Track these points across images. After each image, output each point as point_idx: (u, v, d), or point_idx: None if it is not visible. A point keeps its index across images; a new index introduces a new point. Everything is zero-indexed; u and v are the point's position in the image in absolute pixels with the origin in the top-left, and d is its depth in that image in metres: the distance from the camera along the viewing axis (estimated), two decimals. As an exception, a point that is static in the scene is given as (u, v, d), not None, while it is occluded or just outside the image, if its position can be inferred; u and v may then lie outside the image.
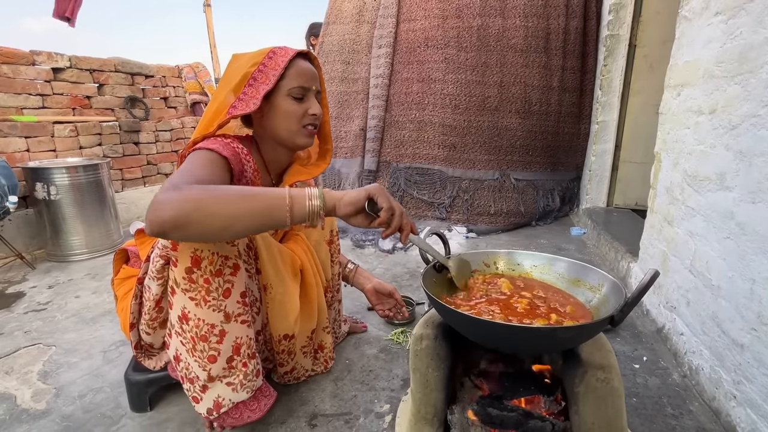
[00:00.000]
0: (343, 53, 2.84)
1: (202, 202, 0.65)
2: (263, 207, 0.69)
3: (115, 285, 1.11)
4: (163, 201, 0.64)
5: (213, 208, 0.66)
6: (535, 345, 0.68)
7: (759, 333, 0.86)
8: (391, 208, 0.74)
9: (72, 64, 2.69)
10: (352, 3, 2.86)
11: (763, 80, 0.90)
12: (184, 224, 0.64)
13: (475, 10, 2.57)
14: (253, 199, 0.69)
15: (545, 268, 0.88)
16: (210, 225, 0.66)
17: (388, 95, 2.74)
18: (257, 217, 0.69)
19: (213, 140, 0.86)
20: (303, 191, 0.73)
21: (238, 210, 0.67)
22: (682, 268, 1.22)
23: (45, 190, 2.20)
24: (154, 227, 0.65)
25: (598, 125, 2.60)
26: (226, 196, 0.67)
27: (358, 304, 1.65)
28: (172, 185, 0.68)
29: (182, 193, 0.65)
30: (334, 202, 0.74)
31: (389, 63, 2.72)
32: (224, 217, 0.66)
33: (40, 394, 1.16)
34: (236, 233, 0.71)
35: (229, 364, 0.86)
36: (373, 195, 0.74)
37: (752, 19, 0.95)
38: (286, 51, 0.92)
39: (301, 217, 0.72)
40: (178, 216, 0.64)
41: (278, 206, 0.70)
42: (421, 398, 0.80)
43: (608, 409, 0.65)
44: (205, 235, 0.70)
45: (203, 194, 0.66)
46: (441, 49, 2.62)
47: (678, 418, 0.98)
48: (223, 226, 0.67)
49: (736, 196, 0.97)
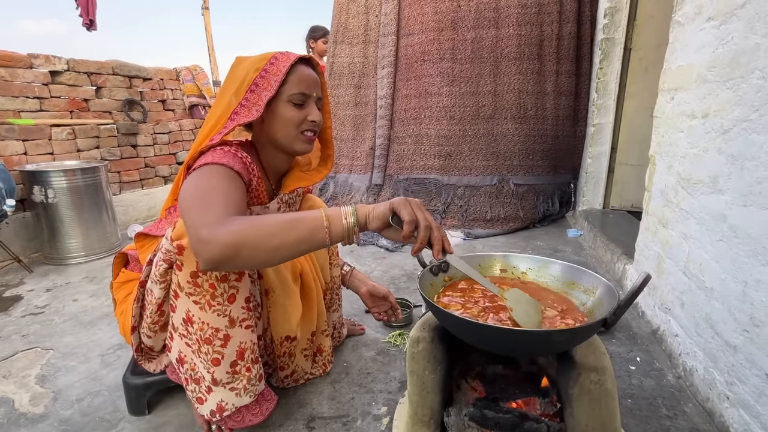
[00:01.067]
0: (354, 77, 2.97)
1: (249, 239, 0.68)
2: (304, 233, 0.71)
3: (114, 289, 1.11)
4: (210, 239, 0.66)
5: (259, 242, 0.68)
6: (530, 348, 0.69)
7: (751, 335, 0.87)
8: (414, 220, 0.71)
9: (70, 67, 2.70)
10: (357, 20, 2.91)
11: (754, 85, 0.91)
12: (232, 260, 0.68)
13: (470, 23, 2.64)
14: (294, 227, 0.71)
15: (540, 271, 0.89)
16: (257, 258, 0.70)
17: (391, 114, 2.88)
18: (300, 244, 0.72)
19: (222, 153, 0.85)
20: (338, 211, 0.74)
21: (283, 241, 0.70)
22: (677, 270, 1.24)
23: (43, 194, 2.20)
24: (207, 265, 0.68)
25: (594, 128, 2.62)
26: (270, 228, 0.70)
27: (356, 306, 1.65)
28: (216, 218, 0.69)
29: (229, 231, 0.67)
30: (365, 218, 0.75)
31: (392, 82, 2.84)
32: (270, 249, 0.69)
33: (38, 398, 1.16)
34: (281, 261, 0.74)
35: (233, 369, 0.87)
36: (395, 208, 0.73)
37: (743, 25, 0.97)
38: (288, 56, 0.92)
39: (338, 236, 0.74)
40: (228, 255, 0.66)
41: (317, 228, 0.72)
42: (418, 400, 0.81)
43: (602, 410, 0.66)
44: (253, 266, 0.76)
45: (249, 230, 0.68)
46: (437, 63, 2.71)
47: (672, 419, 0.99)
48: (270, 257, 0.71)
49: (728, 199, 0.99)
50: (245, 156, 0.89)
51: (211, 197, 0.74)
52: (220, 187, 0.78)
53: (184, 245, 0.80)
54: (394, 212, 0.74)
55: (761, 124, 0.88)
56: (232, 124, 0.87)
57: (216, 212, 0.70)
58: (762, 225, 0.85)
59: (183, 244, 0.79)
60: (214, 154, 0.85)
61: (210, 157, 0.84)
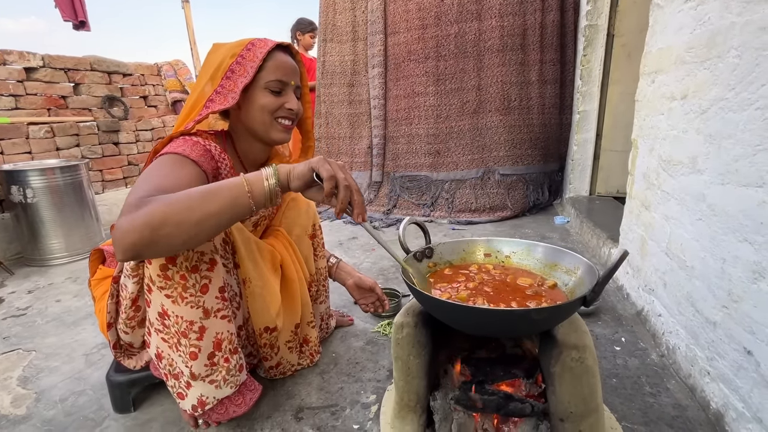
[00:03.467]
0: (345, 75, 2.97)
1: (167, 216, 0.63)
2: (226, 201, 0.68)
3: (93, 286, 1.09)
4: (125, 225, 0.62)
5: (178, 217, 0.63)
6: (511, 328, 0.69)
7: (730, 310, 0.89)
8: (333, 177, 0.69)
9: (45, 63, 2.62)
10: (344, 16, 2.90)
11: (729, 64, 0.92)
12: (153, 242, 0.63)
13: (453, 16, 2.65)
14: (214, 197, 0.67)
15: (524, 254, 0.90)
16: (181, 235, 0.65)
17: (384, 114, 2.91)
18: (223, 213, 0.68)
19: (182, 141, 0.83)
20: (258, 173, 0.71)
21: (204, 213, 0.65)
22: (659, 251, 1.25)
23: (21, 194, 2.14)
24: (126, 254, 0.63)
25: (579, 115, 2.63)
26: (188, 202, 0.65)
27: (344, 298, 1.65)
28: (133, 202, 0.65)
29: (144, 212, 0.62)
30: (286, 177, 0.72)
31: (383, 83, 2.86)
32: (192, 224, 0.65)
33: (20, 399, 1.13)
34: (208, 235, 0.69)
35: (211, 361, 0.86)
36: (314, 166, 0.71)
37: (719, 5, 0.97)
38: (265, 42, 0.90)
39: (262, 198, 0.70)
40: (146, 236, 0.62)
41: (240, 195, 0.69)
42: (404, 386, 0.81)
43: (583, 387, 0.66)
44: (180, 246, 0.67)
45: (165, 207, 0.63)
46: (422, 63, 2.74)
47: (656, 396, 1.01)
48: (194, 233, 0.66)
49: (706, 178, 1.00)
50: (211, 145, 0.87)
51: (140, 185, 0.71)
52: (156, 174, 0.74)
53: None
54: (313, 170, 0.72)
55: (737, 102, 0.88)
56: (206, 111, 0.85)
57: (136, 197, 0.66)
58: (739, 202, 0.87)
59: None
60: (173, 144, 0.83)
61: (168, 147, 0.82)
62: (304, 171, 0.71)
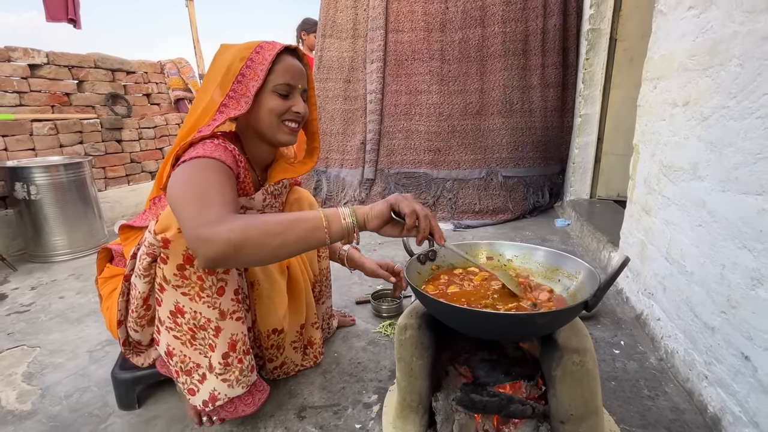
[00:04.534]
0: (343, 71, 2.96)
1: (250, 238, 0.68)
2: (304, 233, 0.72)
3: (100, 284, 1.10)
4: (210, 238, 0.66)
5: (261, 241, 0.69)
6: (514, 331, 0.70)
7: (728, 316, 0.90)
8: (414, 212, 0.75)
9: (50, 60, 2.63)
10: (345, 14, 2.90)
11: (731, 72, 0.93)
12: (233, 258, 0.68)
13: (457, 23, 2.69)
14: (294, 227, 0.72)
15: (525, 258, 0.91)
16: (259, 255, 0.70)
17: (381, 108, 2.89)
18: (300, 243, 0.73)
19: (213, 146, 0.84)
20: (336, 212, 0.76)
21: (284, 240, 0.71)
22: (659, 255, 1.27)
23: (25, 190, 2.15)
24: (208, 263, 0.68)
25: (581, 118, 2.64)
26: (270, 228, 0.70)
27: (345, 298, 1.66)
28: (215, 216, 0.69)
29: (228, 228, 0.67)
30: (364, 218, 0.77)
31: (381, 77, 2.85)
32: (271, 249, 0.70)
33: (25, 395, 1.15)
34: (281, 259, 0.75)
35: (225, 360, 0.87)
36: (394, 204, 0.76)
37: (722, 13, 0.98)
38: (273, 46, 0.91)
39: (338, 236, 0.75)
40: (228, 253, 0.66)
41: (317, 228, 0.73)
42: (406, 386, 0.82)
43: (584, 390, 0.68)
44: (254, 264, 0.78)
45: (251, 228, 0.68)
46: (426, 63, 2.75)
47: (654, 399, 1.02)
48: (271, 255, 0.72)
49: (707, 185, 1.01)
50: (233, 147, 0.88)
51: (207, 194, 0.73)
52: (215, 183, 0.77)
53: (168, 238, 0.79)
54: (392, 208, 0.76)
55: (738, 111, 0.90)
56: (223, 117, 0.85)
57: (215, 210, 0.70)
58: (738, 209, 0.88)
59: (168, 236, 0.79)
60: (205, 147, 0.83)
61: (201, 150, 0.82)
62: (383, 210, 0.76)
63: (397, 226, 0.78)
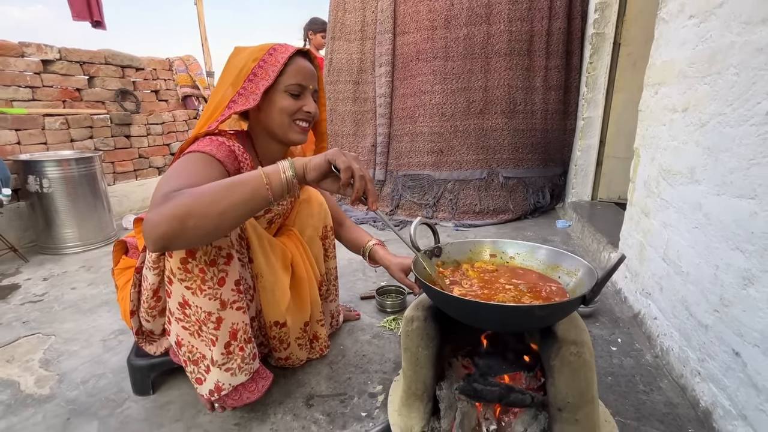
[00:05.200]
0: (352, 73, 3.00)
1: (192, 209, 0.68)
2: (246, 193, 0.72)
3: (116, 275, 1.15)
4: (155, 218, 0.67)
5: (203, 210, 0.68)
6: (515, 323, 0.74)
7: (721, 314, 0.94)
8: (349, 168, 0.74)
9: (62, 56, 2.68)
10: (353, 15, 2.93)
11: (728, 81, 0.97)
12: (180, 234, 0.67)
13: (462, 20, 2.69)
14: (236, 189, 0.72)
15: (527, 256, 0.95)
16: (206, 226, 0.70)
17: (390, 112, 2.93)
18: (244, 204, 0.73)
19: (209, 141, 0.88)
20: (276, 166, 0.76)
21: (226, 204, 0.70)
22: (657, 256, 1.30)
23: (37, 183, 2.20)
24: (156, 245, 0.68)
25: (583, 121, 2.68)
26: (211, 195, 0.70)
27: (351, 293, 1.71)
28: (162, 195, 0.70)
29: (171, 205, 0.67)
30: (303, 169, 0.77)
31: (390, 81, 2.89)
32: (216, 216, 0.70)
33: (43, 380, 1.19)
34: (230, 226, 0.74)
35: (227, 350, 0.91)
36: (331, 158, 0.76)
37: (721, 24, 1.02)
38: (286, 48, 0.95)
39: (279, 190, 0.75)
40: (174, 228, 0.67)
41: (258, 187, 0.73)
42: (412, 376, 0.86)
43: (581, 380, 0.72)
44: (205, 237, 0.73)
45: (191, 201, 0.68)
46: (430, 62, 2.76)
47: (648, 394, 1.06)
48: (217, 223, 0.71)
49: (704, 189, 1.05)
50: (235, 145, 0.91)
51: (168, 181, 0.75)
52: (184, 171, 0.78)
53: None
54: (330, 162, 0.76)
55: (734, 118, 0.93)
56: (229, 112, 0.89)
57: (164, 192, 0.71)
58: (732, 212, 0.92)
59: None
60: (199, 143, 0.87)
61: (195, 146, 0.87)
62: (321, 162, 0.76)
63: (335, 181, 0.78)
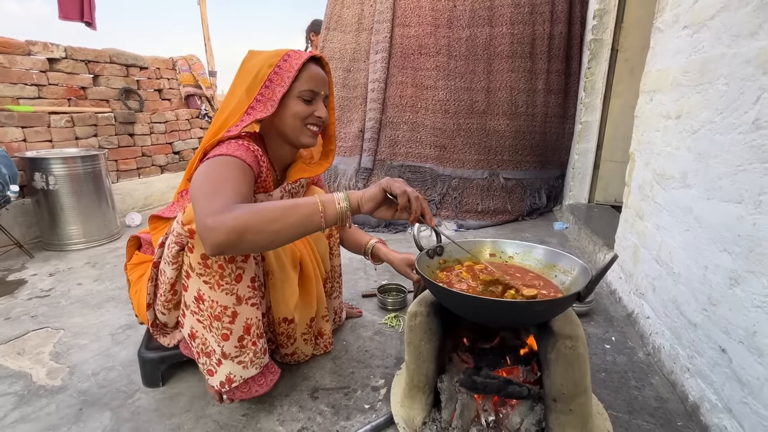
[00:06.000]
0: (344, 61, 2.97)
1: (251, 224, 0.73)
2: (302, 218, 0.78)
3: (129, 270, 1.18)
4: (216, 226, 0.72)
5: (261, 227, 0.74)
6: (514, 317, 0.78)
7: (709, 313, 0.98)
8: (406, 192, 0.82)
9: (67, 55, 2.71)
10: (351, 10, 2.94)
11: (718, 90, 1.01)
12: (236, 244, 0.74)
13: (465, 21, 2.72)
14: (292, 212, 0.78)
15: (525, 255, 0.99)
16: (261, 241, 0.76)
17: (384, 98, 2.88)
18: (298, 227, 0.79)
19: (237, 145, 0.92)
20: (331, 197, 0.82)
21: (282, 225, 0.76)
22: (650, 258, 1.35)
23: (44, 180, 2.23)
24: (213, 251, 0.74)
25: (581, 125, 2.73)
26: (271, 213, 0.76)
27: (353, 291, 1.75)
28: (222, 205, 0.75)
29: (232, 217, 0.73)
30: (358, 202, 0.84)
31: (385, 67, 2.85)
32: (271, 233, 0.76)
33: (55, 372, 1.23)
34: (282, 243, 0.81)
35: (240, 343, 0.94)
36: (386, 187, 0.83)
37: (712, 35, 1.07)
38: (300, 55, 0.99)
39: (333, 219, 0.81)
40: (233, 240, 0.72)
41: (313, 213, 0.79)
42: (415, 368, 0.91)
43: (575, 372, 0.76)
44: (257, 250, 0.82)
45: (251, 216, 0.74)
46: (433, 57, 2.77)
47: (640, 390, 1.11)
48: (271, 240, 0.77)
49: (695, 193, 1.09)
50: (257, 149, 0.96)
51: (219, 187, 0.80)
52: (229, 178, 0.84)
53: (194, 229, 0.86)
54: (385, 191, 0.83)
55: (723, 125, 0.98)
56: (250, 119, 0.93)
57: (223, 201, 0.76)
58: (721, 216, 0.96)
59: (193, 228, 0.86)
60: (229, 146, 0.91)
61: (225, 149, 0.91)
62: (376, 192, 0.83)
63: (390, 207, 0.85)
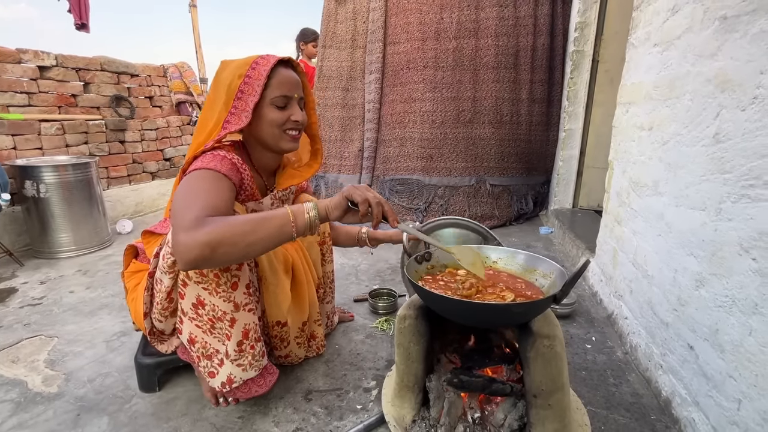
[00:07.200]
0: (342, 80, 3.08)
1: (225, 238, 0.75)
2: (274, 229, 0.81)
3: (126, 278, 1.21)
4: (189, 242, 0.73)
5: (234, 239, 0.76)
6: (495, 319, 0.84)
7: (678, 312, 1.05)
8: (366, 200, 0.86)
9: (58, 63, 2.71)
10: (345, 25, 3.03)
11: (684, 105, 1.09)
12: (210, 259, 0.75)
13: (452, 33, 2.81)
14: (264, 224, 0.80)
15: (508, 260, 1.05)
16: (234, 254, 0.78)
17: (379, 117, 3.01)
18: (270, 239, 0.81)
19: (211, 156, 0.94)
20: (301, 207, 0.86)
21: (254, 237, 0.78)
22: (627, 261, 1.42)
23: (34, 188, 2.23)
24: (187, 266, 0.75)
25: (565, 133, 2.82)
26: (243, 227, 0.78)
27: (344, 296, 1.79)
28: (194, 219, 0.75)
29: (205, 232, 0.74)
30: (325, 210, 0.88)
31: (379, 88, 2.98)
32: (244, 246, 0.78)
33: (50, 379, 1.24)
34: (256, 255, 0.84)
35: (240, 348, 0.98)
36: (347, 195, 0.87)
37: (679, 54, 1.15)
38: (267, 60, 0.99)
39: (303, 229, 0.85)
40: (205, 254, 0.74)
41: (285, 224, 0.82)
42: (404, 369, 0.95)
43: (552, 369, 0.82)
44: (231, 262, 0.82)
45: (223, 230, 0.75)
46: (420, 71, 2.87)
47: (617, 386, 1.17)
48: (244, 253, 0.80)
49: (665, 200, 1.17)
50: (235, 158, 0.98)
51: (191, 202, 0.80)
52: (201, 192, 0.84)
53: None
54: (347, 199, 0.88)
55: (689, 138, 1.06)
56: (224, 132, 0.96)
57: (193, 215, 0.76)
58: (688, 222, 1.03)
59: None
60: (204, 159, 0.93)
61: (200, 162, 0.93)
62: (339, 201, 0.87)
63: (355, 214, 0.90)
